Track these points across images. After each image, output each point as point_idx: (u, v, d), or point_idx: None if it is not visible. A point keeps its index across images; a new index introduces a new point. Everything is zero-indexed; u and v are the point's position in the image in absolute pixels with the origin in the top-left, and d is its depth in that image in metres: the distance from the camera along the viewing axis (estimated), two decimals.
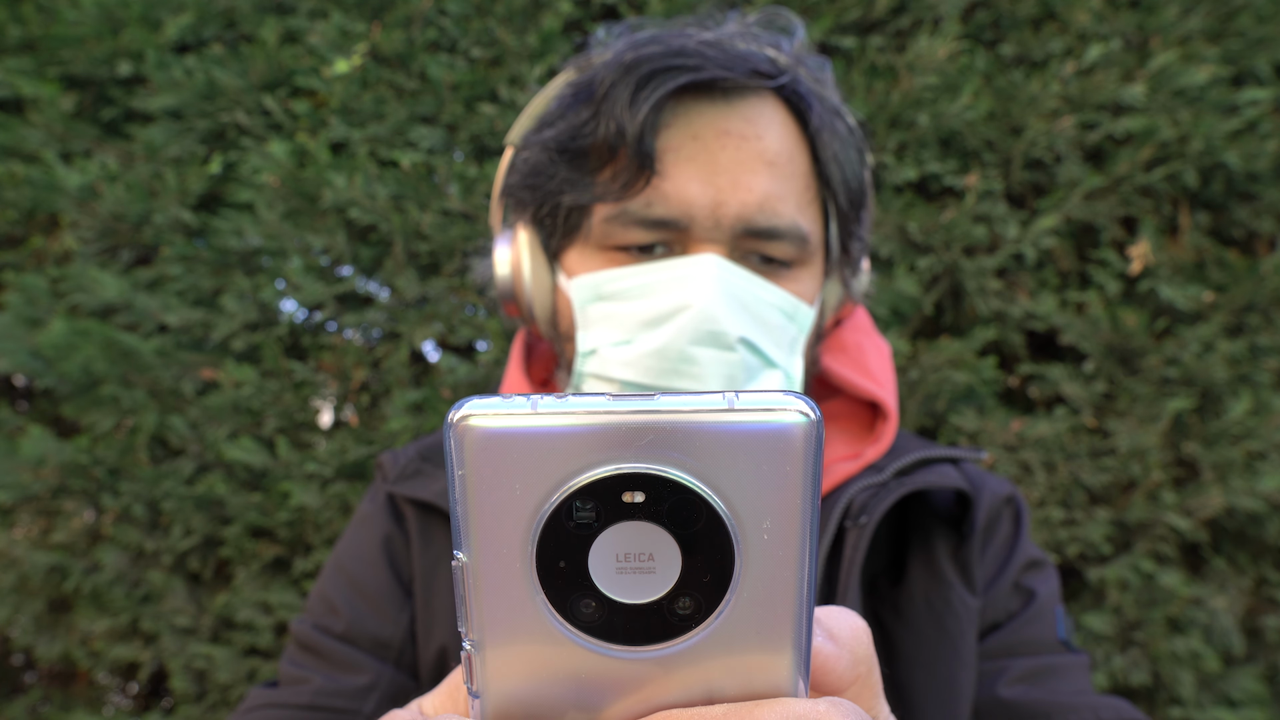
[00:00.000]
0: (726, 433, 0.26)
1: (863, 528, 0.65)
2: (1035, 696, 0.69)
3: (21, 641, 1.82)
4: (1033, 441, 1.66)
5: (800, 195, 0.67)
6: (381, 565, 0.73)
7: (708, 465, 0.27)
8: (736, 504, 0.27)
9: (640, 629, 0.27)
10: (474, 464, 0.27)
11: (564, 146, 0.66)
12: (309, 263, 1.71)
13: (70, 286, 1.73)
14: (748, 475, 0.27)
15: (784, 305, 0.65)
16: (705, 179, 0.63)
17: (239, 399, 1.67)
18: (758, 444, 0.27)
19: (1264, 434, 1.64)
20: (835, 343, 0.78)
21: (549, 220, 0.69)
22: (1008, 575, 0.74)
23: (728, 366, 0.61)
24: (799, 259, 0.67)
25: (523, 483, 0.27)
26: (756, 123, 0.65)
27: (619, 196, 0.63)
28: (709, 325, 0.60)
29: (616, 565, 0.27)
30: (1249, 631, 1.74)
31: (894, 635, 0.70)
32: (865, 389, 0.74)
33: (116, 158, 1.83)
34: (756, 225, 0.64)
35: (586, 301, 0.66)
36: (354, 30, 1.77)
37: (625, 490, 0.27)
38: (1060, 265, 1.79)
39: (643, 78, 0.62)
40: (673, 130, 0.64)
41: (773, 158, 0.65)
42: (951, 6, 1.80)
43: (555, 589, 0.27)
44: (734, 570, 0.27)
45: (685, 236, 0.64)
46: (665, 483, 0.27)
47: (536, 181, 0.68)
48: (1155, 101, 1.74)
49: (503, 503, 0.27)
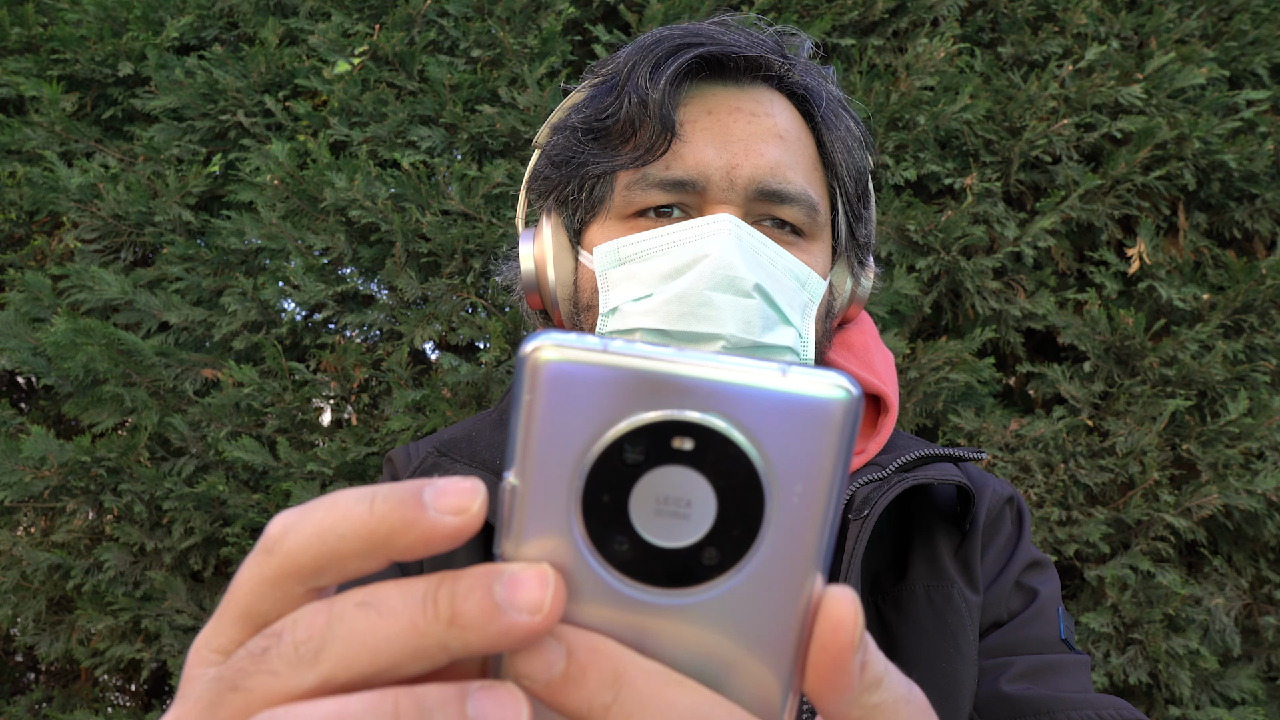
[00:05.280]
0: (777, 397, 0.28)
1: (865, 520, 0.67)
2: (1037, 693, 0.69)
3: (23, 640, 1.82)
4: (1031, 441, 1.66)
5: (808, 171, 0.71)
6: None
7: (755, 424, 0.28)
8: (775, 464, 0.29)
9: (664, 572, 0.29)
10: (541, 393, 0.28)
11: (590, 126, 0.70)
12: (309, 263, 1.71)
13: (72, 286, 1.74)
14: (790, 439, 0.29)
15: (795, 270, 0.68)
16: (720, 145, 0.67)
17: (240, 398, 1.67)
18: (803, 411, 0.28)
19: (1261, 433, 1.65)
20: (843, 342, 0.80)
21: (574, 197, 0.72)
22: (1010, 574, 0.75)
23: (744, 311, 0.64)
24: (809, 230, 0.70)
25: (583, 417, 0.28)
26: (765, 105, 0.70)
27: (643, 161, 0.68)
28: (726, 271, 0.64)
29: (655, 507, 0.29)
30: (1247, 630, 1.74)
31: (895, 631, 0.70)
32: (869, 381, 0.76)
33: (118, 158, 1.83)
34: (768, 187, 0.67)
35: (608, 266, 0.69)
36: (354, 31, 1.78)
37: (676, 436, 0.28)
38: (1059, 265, 1.79)
39: (662, 55, 0.67)
40: (689, 107, 0.69)
41: (782, 132, 0.69)
42: (950, 8, 1.80)
43: (595, 521, 0.29)
44: (761, 527, 0.29)
45: (701, 199, 0.68)
46: (714, 434, 0.28)
47: (564, 158, 0.72)
48: (1153, 102, 1.74)
49: (561, 433, 0.29)
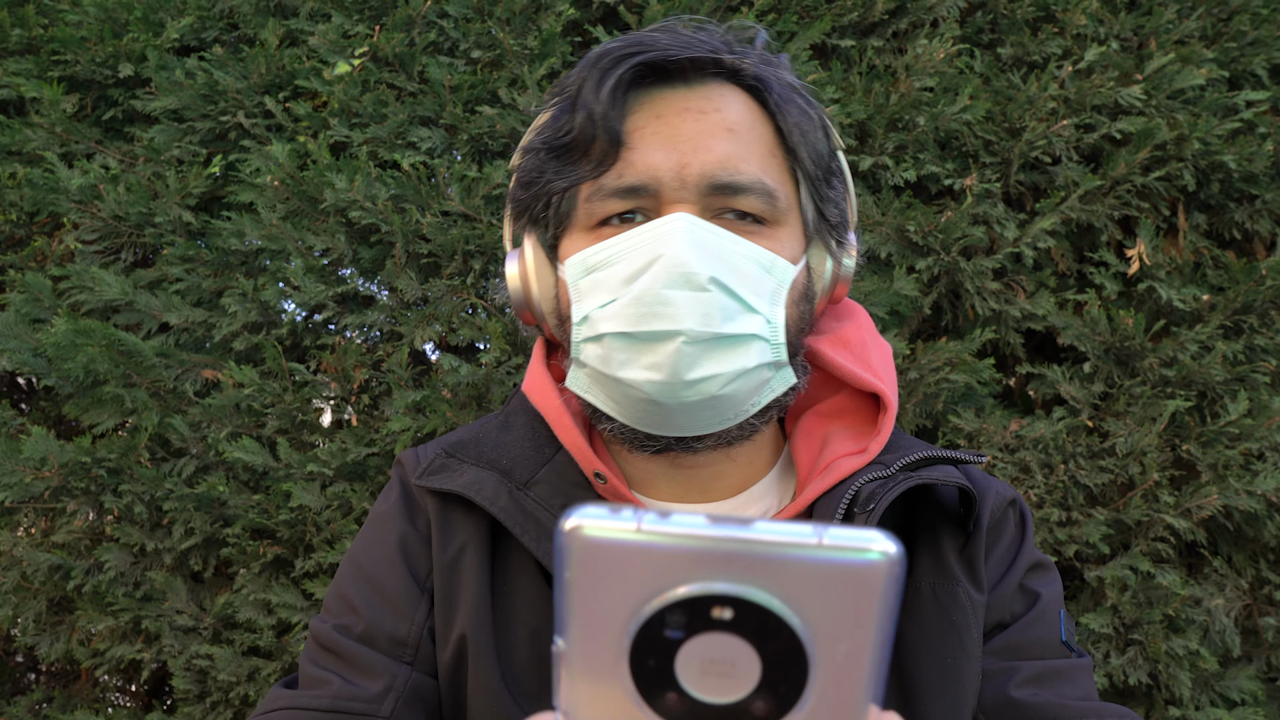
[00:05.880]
0: (813, 563, 0.29)
1: (870, 514, 0.67)
2: (1044, 699, 0.70)
3: (23, 641, 1.83)
4: (1031, 442, 1.66)
5: (764, 159, 0.71)
6: (398, 564, 0.75)
7: (793, 591, 0.29)
8: (816, 627, 0.29)
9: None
10: (579, 568, 0.30)
11: (550, 145, 0.72)
12: (310, 264, 1.72)
13: (72, 286, 1.74)
14: (830, 603, 0.29)
15: (758, 257, 0.69)
16: (669, 148, 0.69)
17: (240, 399, 1.68)
18: (842, 577, 0.29)
19: (1261, 434, 1.65)
20: (840, 339, 0.80)
21: (544, 214, 0.75)
22: (1013, 577, 0.75)
23: (701, 305, 0.65)
24: (772, 216, 0.71)
25: (622, 590, 0.30)
26: (715, 100, 0.71)
27: (596, 173, 0.70)
28: (680, 269, 0.65)
29: (701, 668, 0.30)
30: (1247, 631, 1.74)
31: (900, 626, 0.70)
32: (867, 381, 0.76)
33: (118, 159, 1.83)
34: (720, 180, 0.68)
35: (578, 277, 0.71)
36: (355, 32, 1.78)
37: (715, 606, 0.29)
38: (1058, 266, 1.79)
39: (605, 67, 0.68)
40: (639, 114, 0.70)
41: (732, 125, 0.70)
42: (950, 9, 1.80)
43: (644, 682, 0.30)
44: (807, 684, 0.30)
45: (657, 200, 0.69)
46: (751, 605, 0.29)
47: (530, 179, 0.74)
48: (1153, 103, 1.74)
49: (602, 605, 0.30)
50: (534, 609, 0.71)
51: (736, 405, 0.69)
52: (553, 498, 0.73)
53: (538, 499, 0.73)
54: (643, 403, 0.67)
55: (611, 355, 0.67)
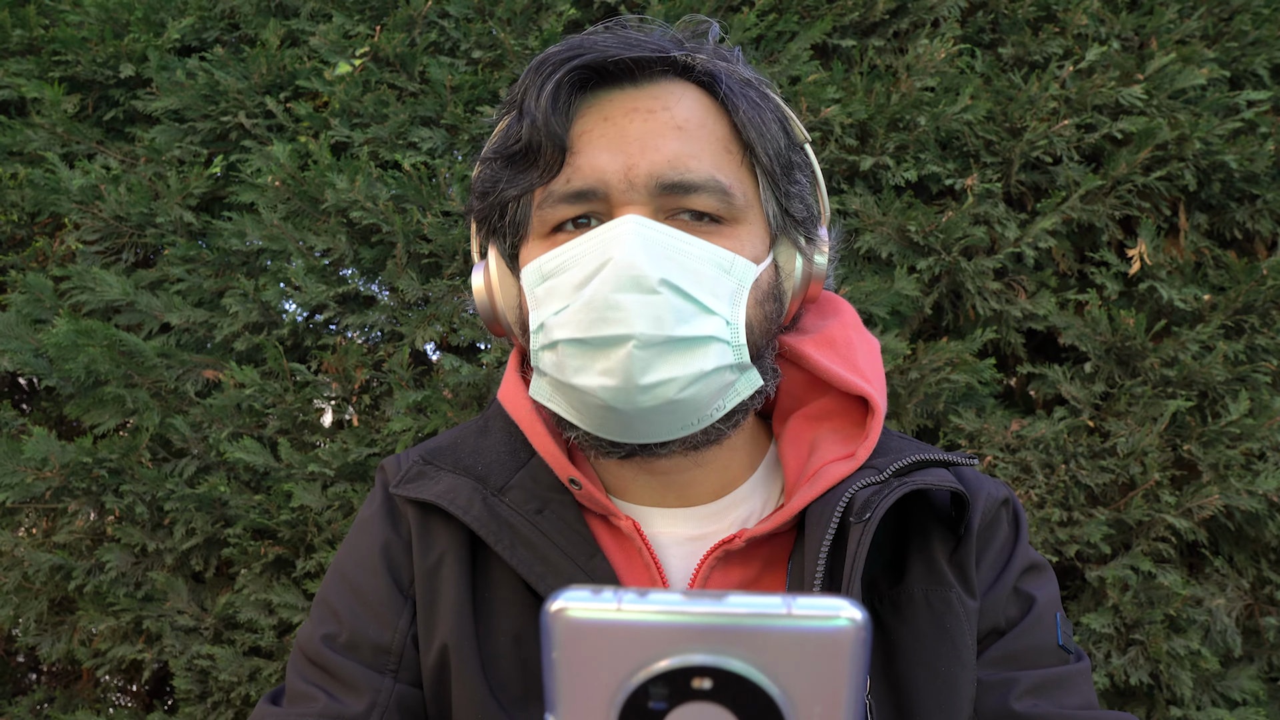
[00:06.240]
0: (784, 633, 0.31)
1: (866, 523, 0.66)
2: (1044, 710, 0.70)
3: (25, 641, 1.83)
4: (1032, 442, 1.66)
5: (717, 156, 0.70)
6: (380, 571, 0.75)
7: (767, 659, 0.31)
8: (792, 692, 0.31)
9: None
10: (565, 648, 0.32)
11: (500, 155, 0.72)
12: (311, 264, 1.72)
13: (73, 287, 1.74)
14: (803, 669, 0.31)
15: (714, 257, 0.67)
16: (616, 149, 0.68)
17: (241, 399, 1.68)
18: (812, 644, 0.31)
19: (1262, 434, 1.65)
20: (825, 339, 0.79)
21: (500, 224, 0.74)
22: (1007, 580, 0.75)
23: (652, 308, 0.64)
24: (729, 215, 0.69)
25: (607, 667, 0.32)
26: (664, 98, 0.70)
27: (544, 180, 0.69)
28: (629, 272, 0.64)
29: None
30: (1248, 631, 1.74)
31: (894, 634, 0.70)
32: (853, 384, 0.75)
33: (119, 159, 1.83)
34: (669, 179, 0.67)
35: (534, 284, 0.70)
36: (355, 32, 1.78)
37: (695, 677, 0.31)
38: (1059, 266, 1.79)
39: (546, 73, 0.68)
40: (585, 117, 0.69)
41: (681, 123, 0.69)
42: (950, 9, 1.80)
43: None
44: None
45: (607, 204, 0.68)
46: (729, 674, 0.31)
47: (484, 189, 0.74)
48: (1154, 103, 1.74)
49: (589, 682, 0.32)
50: (516, 614, 0.71)
51: (699, 410, 0.67)
52: (527, 502, 0.73)
53: (512, 504, 0.72)
54: (600, 409, 0.66)
55: (566, 362, 0.66)
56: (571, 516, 0.72)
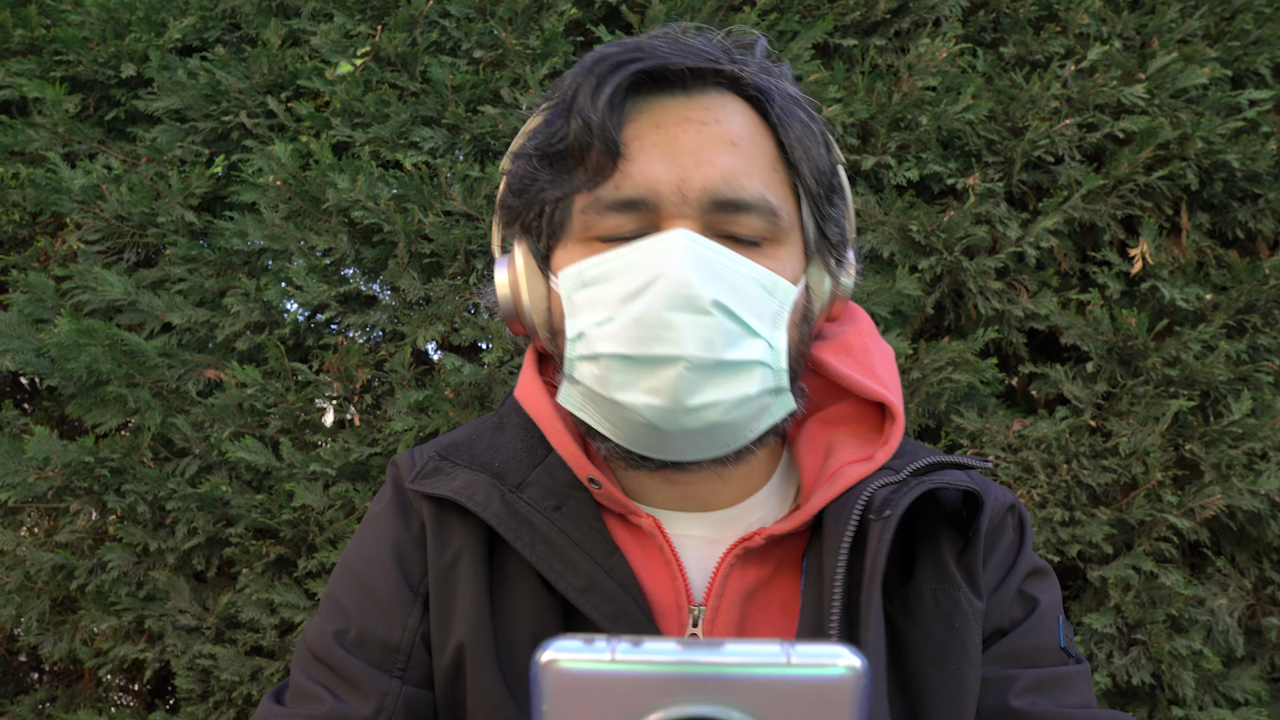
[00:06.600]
0: (783, 681, 0.30)
1: (886, 520, 0.67)
2: (1043, 708, 0.71)
3: (27, 640, 1.83)
4: (1034, 442, 1.66)
5: (766, 174, 0.69)
6: (390, 568, 0.74)
7: (765, 709, 0.30)
8: None
9: None
10: (556, 701, 0.31)
11: (543, 152, 0.70)
12: (312, 263, 1.72)
13: (75, 287, 1.74)
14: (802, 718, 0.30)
15: (760, 278, 0.66)
16: (669, 160, 0.66)
17: (243, 399, 1.68)
18: (811, 692, 0.30)
19: (1265, 434, 1.64)
20: (842, 345, 0.79)
21: (536, 223, 0.72)
22: (1012, 583, 0.75)
23: (704, 330, 0.63)
24: (772, 236, 0.69)
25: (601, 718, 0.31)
26: (716, 110, 0.68)
27: (592, 184, 0.67)
28: (683, 290, 0.62)
29: None
30: (1250, 631, 1.74)
31: (904, 632, 0.71)
32: (873, 391, 0.75)
33: (120, 159, 1.83)
34: (722, 196, 0.66)
35: (572, 290, 0.68)
36: (357, 32, 1.78)
37: None
38: (1061, 266, 1.79)
39: (603, 74, 0.66)
40: (637, 122, 0.67)
41: (734, 139, 0.68)
42: (952, 8, 1.80)
43: None
44: None
45: (656, 215, 0.66)
46: None
47: (522, 186, 0.72)
48: (1155, 102, 1.74)
49: None
50: (533, 612, 0.71)
51: (736, 432, 0.67)
52: (545, 499, 0.72)
53: (530, 501, 0.72)
54: (641, 426, 0.65)
55: (609, 377, 0.65)
56: (590, 514, 0.72)
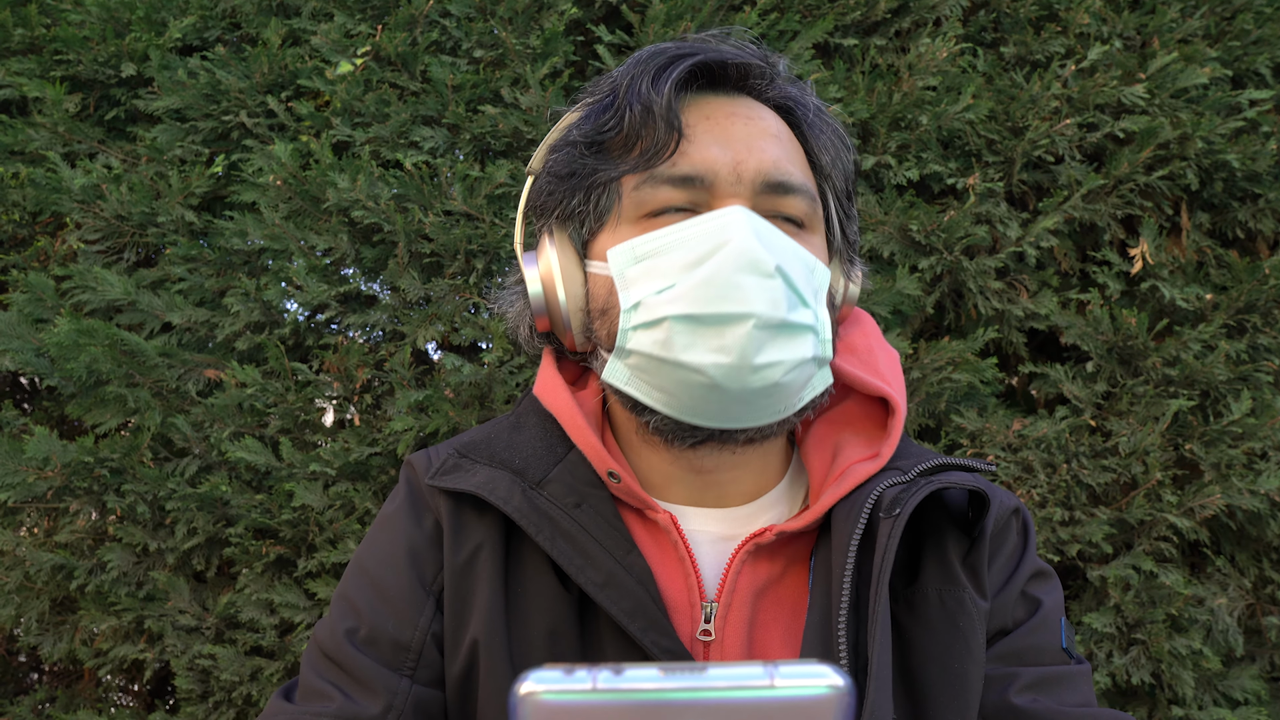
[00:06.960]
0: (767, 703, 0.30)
1: (896, 519, 0.68)
2: (1043, 705, 0.71)
3: (26, 641, 1.83)
4: (1034, 441, 1.66)
5: (803, 168, 0.74)
6: (403, 567, 0.75)
7: None
8: None
9: None
10: None
11: (591, 140, 0.73)
12: (312, 263, 1.72)
13: (74, 286, 1.74)
14: None
15: (804, 258, 0.70)
16: (723, 144, 0.71)
17: (243, 399, 1.68)
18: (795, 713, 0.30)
19: (1264, 434, 1.65)
20: (847, 345, 0.81)
21: (581, 208, 0.74)
22: (1015, 584, 0.76)
23: (770, 291, 0.66)
24: (811, 222, 0.73)
25: None
26: (756, 109, 0.74)
27: (650, 162, 0.70)
28: (749, 254, 0.66)
29: None
30: (1250, 631, 1.74)
31: (909, 631, 0.72)
32: (875, 385, 0.77)
33: (120, 159, 1.83)
34: (774, 179, 0.70)
35: (625, 266, 0.70)
36: (357, 32, 1.78)
37: None
38: (1061, 265, 1.79)
39: (662, 64, 0.71)
40: (688, 113, 0.72)
41: (776, 133, 0.73)
42: (952, 8, 1.80)
43: None
44: None
45: (709, 194, 0.70)
46: None
47: (567, 171, 0.75)
48: (1156, 102, 1.74)
49: None
50: (550, 609, 0.71)
51: (789, 397, 0.69)
52: (566, 496, 0.73)
53: (551, 498, 0.72)
54: (702, 388, 0.67)
55: (673, 339, 0.66)
56: (609, 512, 0.73)
